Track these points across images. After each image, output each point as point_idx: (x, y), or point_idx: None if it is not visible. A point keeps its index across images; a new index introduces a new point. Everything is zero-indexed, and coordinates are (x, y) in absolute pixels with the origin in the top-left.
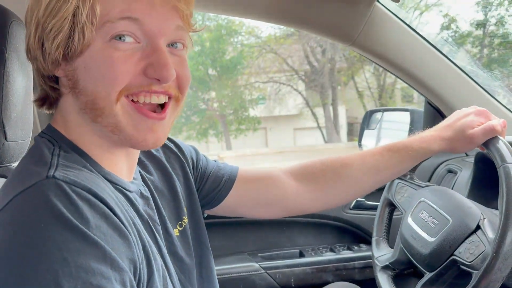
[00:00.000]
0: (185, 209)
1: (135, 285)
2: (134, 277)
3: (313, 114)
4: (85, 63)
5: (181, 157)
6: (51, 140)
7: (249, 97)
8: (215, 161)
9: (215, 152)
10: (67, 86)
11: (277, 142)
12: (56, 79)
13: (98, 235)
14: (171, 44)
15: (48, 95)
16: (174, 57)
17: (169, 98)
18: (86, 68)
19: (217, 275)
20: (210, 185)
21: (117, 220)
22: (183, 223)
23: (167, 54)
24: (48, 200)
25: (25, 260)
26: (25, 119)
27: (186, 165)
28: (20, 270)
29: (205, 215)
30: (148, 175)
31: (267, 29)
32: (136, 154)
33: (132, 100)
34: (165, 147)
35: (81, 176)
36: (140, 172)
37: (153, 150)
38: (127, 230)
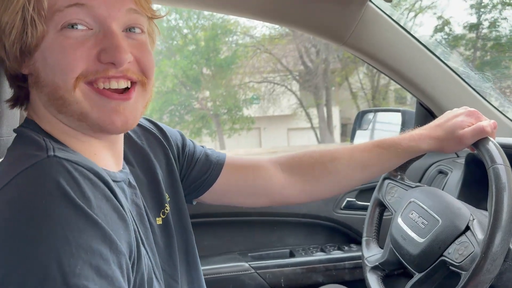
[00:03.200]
0: (167, 197)
1: (130, 268)
2: (129, 260)
3: (307, 114)
4: (42, 55)
5: (165, 142)
6: (34, 130)
7: (243, 96)
8: (203, 146)
9: None
10: (32, 82)
11: (270, 142)
12: (24, 78)
13: (99, 215)
14: (128, 29)
15: (19, 96)
16: (132, 40)
17: (133, 83)
18: (43, 60)
19: (207, 275)
20: (198, 172)
21: (117, 202)
22: (165, 211)
23: (121, 37)
24: (52, 177)
25: (27, 238)
26: (10, 115)
27: (170, 151)
28: (22, 248)
29: (194, 203)
30: (129, 166)
31: (262, 28)
32: (118, 142)
33: (93, 86)
34: (148, 132)
35: (80, 157)
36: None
37: (135, 138)
38: (125, 213)
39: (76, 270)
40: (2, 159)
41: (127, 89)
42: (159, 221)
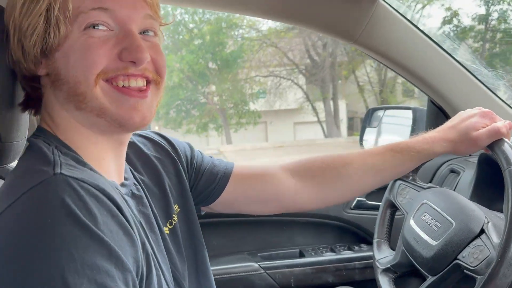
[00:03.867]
0: (175, 208)
1: (137, 285)
2: (136, 276)
3: (313, 108)
4: (64, 54)
5: (173, 154)
6: (46, 140)
7: (249, 91)
8: (211, 157)
9: (215, 146)
10: (49, 82)
11: (277, 136)
12: (37, 80)
13: (105, 232)
14: (143, 32)
15: (30, 98)
16: (147, 42)
17: (149, 82)
18: (65, 58)
19: (216, 275)
20: (205, 182)
21: (123, 218)
22: (173, 221)
23: (140, 38)
24: (58, 196)
25: (33, 255)
26: (20, 120)
27: (179, 162)
28: (27, 265)
29: (203, 213)
30: (138, 174)
31: (268, 22)
32: (123, 152)
33: (112, 84)
34: (156, 145)
35: (86, 173)
36: (131, 170)
37: (145, 149)
38: (132, 228)
39: None
40: (13, 168)
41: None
42: (166, 230)
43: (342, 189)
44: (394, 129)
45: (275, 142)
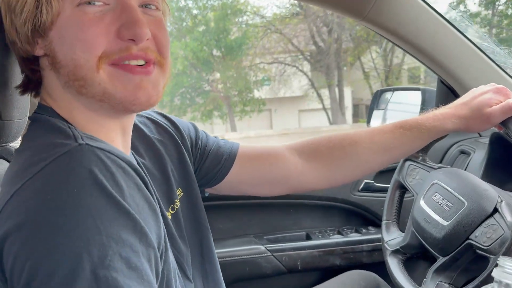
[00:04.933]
0: (177, 192)
1: (159, 261)
2: (158, 251)
3: (318, 95)
4: (58, 34)
5: (177, 137)
6: (53, 116)
7: (253, 78)
8: (216, 137)
9: (219, 133)
10: (47, 64)
11: (281, 123)
12: (37, 62)
13: (131, 205)
14: (144, 6)
15: (30, 80)
16: (149, 17)
17: (152, 64)
18: (60, 38)
19: (223, 258)
20: (210, 163)
21: (147, 192)
22: (175, 206)
23: (139, 12)
24: (84, 165)
25: (57, 227)
26: (20, 98)
27: (182, 145)
28: (52, 237)
29: (207, 194)
30: (139, 158)
31: (272, 8)
32: (130, 133)
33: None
34: (159, 126)
35: (110, 146)
36: (133, 154)
37: (147, 131)
38: (156, 203)
39: (106, 261)
40: (19, 147)
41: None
42: (168, 215)
43: (350, 169)
44: (403, 111)
45: (280, 129)
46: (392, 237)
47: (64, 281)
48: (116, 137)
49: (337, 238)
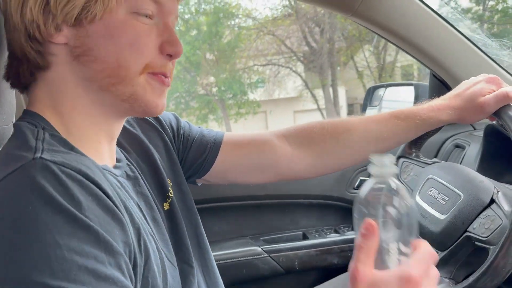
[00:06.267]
0: (168, 181)
1: (131, 268)
2: (129, 260)
3: (313, 95)
4: (106, 31)
5: (159, 127)
6: (32, 121)
7: (248, 80)
8: (199, 127)
9: None
10: (67, 53)
11: (277, 125)
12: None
13: (90, 217)
14: None
15: (20, 73)
16: None
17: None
18: (106, 36)
19: (219, 260)
20: (195, 153)
21: (110, 202)
22: (170, 194)
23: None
24: (36, 181)
25: (15, 245)
26: (6, 103)
27: (165, 134)
28: (10, 256)
29: (199, 184)
30: (127, 154)
31: (264, 10)
32: (117, 135)
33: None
34: (139, 119)
35: (70, 157)
36: (121, 151)
37: (128, 126)
38: (121, 212)
39: (71, 276)
40: None
41: None
42: (166, 206)
43: (341, 158)
44: (396, 107)
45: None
46: (389, 234)
47: None
48: (103, 139)
49: (334, 237)
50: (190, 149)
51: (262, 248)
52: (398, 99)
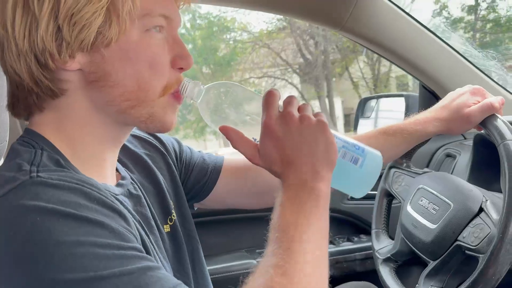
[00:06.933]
0: (172, 204)
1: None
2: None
3: None
4: (122, 54)
5: (163, 150)
6: (30, 142)
7: None
8: (200, 151)
9: (213, 149)
10: (81, 79)
11: None
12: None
13: (101, 217)
14: None
15: (28, 102)
16: None
17: None
18: (123, 59)
19: (215, 274)
20: (196, 177)
21: (113, 204)
22: (172, 217)
23: None
24: (38, 197)
25: (32, 257)
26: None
27: (169, 157)
28: (29, 268)
29: (196, 209)
30: (130, 174)
31: (259, 24)
32: (117, 152)
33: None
34: (143, 141)
35: (67, 174)
36: (126, 171)
37: (133, 148)
38: (126, 215)
39: (101, 266)
40: None
41: None
42: (167, 228)
43: None
44: (388, 117)
45: None
46: (382, 245)
47: None
48: (108, 157)
49: (329, 248)
50: (191, 173)
51: (257, 261)
52: (390, 110)
